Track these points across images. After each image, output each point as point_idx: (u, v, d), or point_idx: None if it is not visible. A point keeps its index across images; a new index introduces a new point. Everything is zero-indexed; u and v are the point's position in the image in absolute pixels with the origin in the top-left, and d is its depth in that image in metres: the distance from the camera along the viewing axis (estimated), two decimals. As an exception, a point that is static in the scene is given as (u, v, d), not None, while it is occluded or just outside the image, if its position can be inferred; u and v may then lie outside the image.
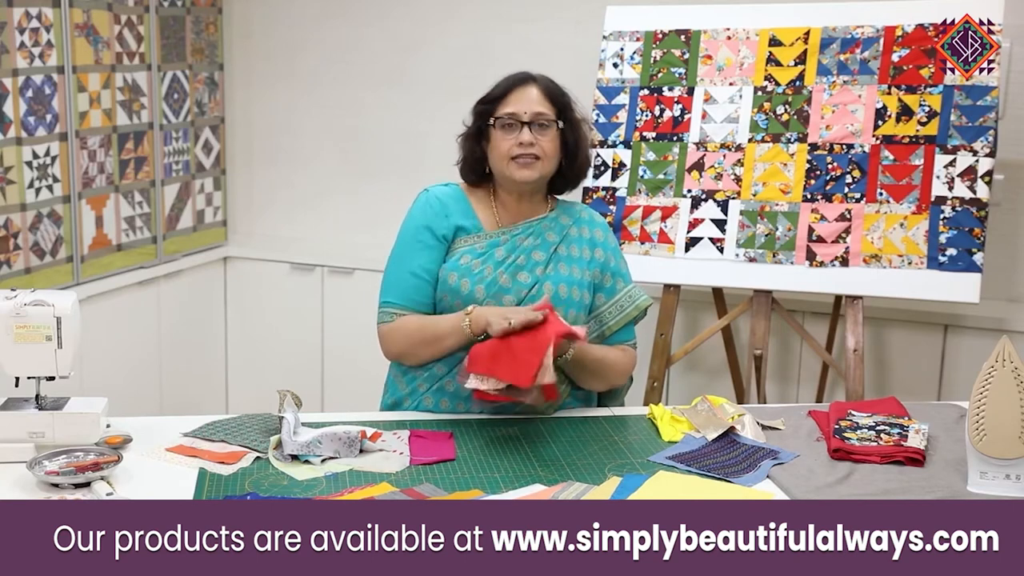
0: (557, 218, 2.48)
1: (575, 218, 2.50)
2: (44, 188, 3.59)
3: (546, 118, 2.40)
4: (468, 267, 2.38)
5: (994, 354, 2.02)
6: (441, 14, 4.17)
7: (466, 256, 2.39)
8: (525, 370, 2.14)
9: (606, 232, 2.53)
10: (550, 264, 2.40)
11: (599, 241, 2.50)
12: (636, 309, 2.49)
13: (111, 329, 3.82)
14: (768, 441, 2.28)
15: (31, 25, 3.49)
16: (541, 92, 2.42)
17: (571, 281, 2.41)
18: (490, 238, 2.42)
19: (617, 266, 2.51)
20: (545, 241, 2.43)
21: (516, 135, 2.38)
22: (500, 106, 2.41)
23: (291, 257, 4.30)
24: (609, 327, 2.47)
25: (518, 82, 2.43)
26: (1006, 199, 3.51)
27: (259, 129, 4.54)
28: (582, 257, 2.46)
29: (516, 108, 2.39)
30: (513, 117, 2.39)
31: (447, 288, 2.37)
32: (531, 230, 2.44)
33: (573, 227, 2.48)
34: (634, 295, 2.50)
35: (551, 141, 2.40)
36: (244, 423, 2.29)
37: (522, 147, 2.37)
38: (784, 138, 3.24)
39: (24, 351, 2.09)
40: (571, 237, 2.46)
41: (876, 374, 3.61)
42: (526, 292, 2.37)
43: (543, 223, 2.46)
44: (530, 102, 2.40)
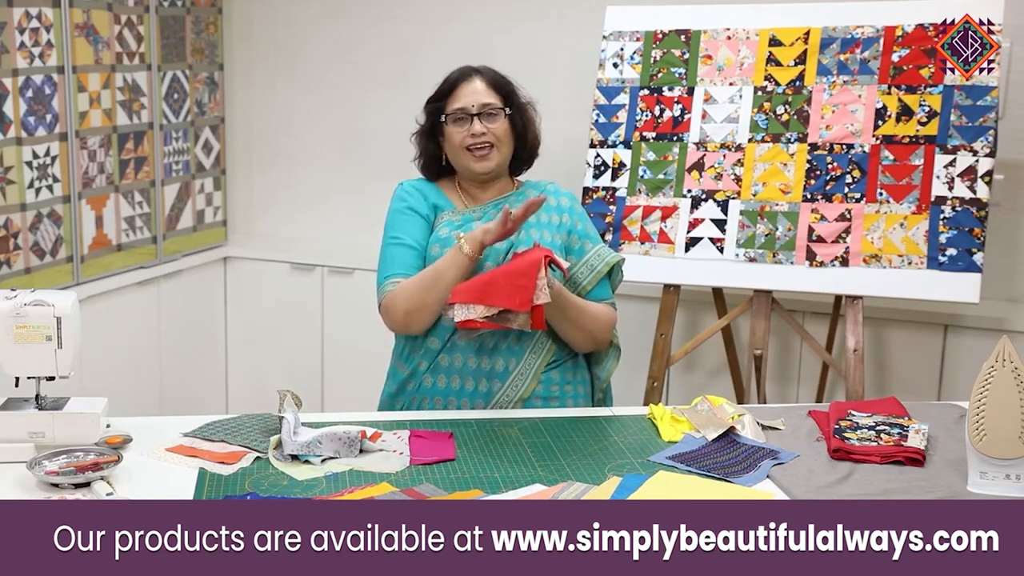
0: (524, 192, 2.61)
1: (541, 189, 2.61)
2: (44, 188, 3.59)
3: (493, 107, 2.53)
4: (449, 238, 2.49)
5: (994, 354, 2.02)
6: (441, 14, 4.17)
7: (445, 229, 2.51)
8: (521, 294, 2.24)
9: (572, 200, 2.63)
10: (522, 231, 2.48)
11: (565, 207, 2.60)
12: (607, 265, 2.56)
13: (111, 329, 3.82)
14: (768, 441, 2.28)
15: (31, 25, 3.49)
16: (486, 83, 2.55)
17: (542, 243, 2.47)
18: (464, 213, 2.56)
19: (584, 229, 2.60)
20: None
21: (467, 127, 2.51)
22: (449, 102, 2.54)
23: (291, 257, 4.30)
24: (583, 287, 2.54)
25: (462, 77, 2.55)
26: (1006, 199, 3.51)
27: (259, 129, 4.54)
28: (551, 222, 2.55)
29: (464, 102, 2.52)
30: (462, 111, 2.52)
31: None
32: (501, 205, 2.55)
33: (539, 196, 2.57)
34: (603, 253, 2.58)
35: (501, 128, 2.53)
36: (244, 423, 2.29)
37: (474, 137, 2.50)
38: (784, 138, 3.24)
39: (24, 351, 2.09)
40: None
41: (876, 374, 3.61)
42: (503, 257, 2.46)
43: (511, 198, 2.58)
44: (476, 94, 2.53)
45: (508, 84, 2.59)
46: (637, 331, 3.77)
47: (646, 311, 3.71)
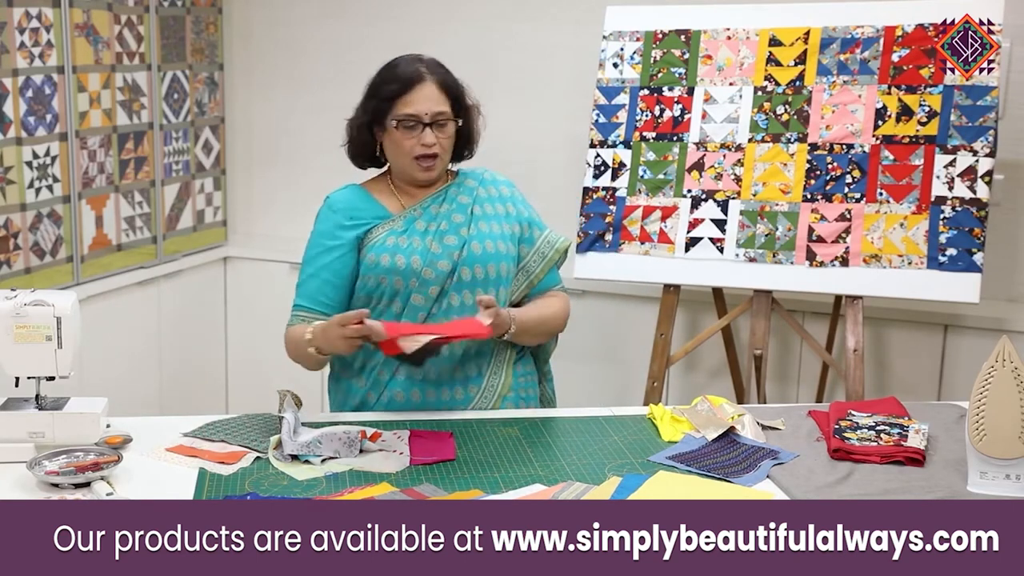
0: (462, 183, 2.53)
1: (479, 180, 2.55)
2: (44, 188, 3.59)
3: (445, 116, 2.42)
4: (396, 245, 2.42)
5: (994, 354, 2.02)
6: (441, 14, 4.17)
7: (391, 237, 2.43)
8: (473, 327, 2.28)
9: (512, 188, 2.59)
10: (471, 224, 2.46)
11: (507, 196, 2.56)
12: (556, 252, 2.55)
13: (111, 329, 3.82)
14: (768, 441, 2.28)
15: (31, 25, 3.49)
16: (438, 88, 2.43)
17: (494, 236, 2.47)
18: (404, 217, 2.47)
19: (530, 216, 2.58)
20: (459, 204, 2.49)
21: (417, 135, 2.40)
22: (398, 105, 2.41)
23: (291, 257, 4.29)
24: (536, 275, 2.53)
25: (416, 78, 2.41)
26: (1006, 199, 3.51)
27: (259, 129, 4.54)
28: (497, 213, 2.52)
29: (416, 108, 2.40)
30: (414, 118, 2.40)
31: (382, 269, 2.41)
32: (440, 198, 2.49)
33: (480, 188, 2.53)
34: (551, 239, 2.57)
35: (449, 137, 2.45)
36: (244, 423, 2.29)
37: (424, 147, 2.41)
38: (784, 138, 3.24)
39: (24, 351, 2.09)
40: (481, 197, 2.52)
41: (876, 374, 3.61)
42: (457, 254, 2.42)
43: (450, 190, 2.51)
44: (429, 101, 2.40)
45: (458, 87, 2.47)
46: (637, 331, 3.77)
47: (646, 311, 3.71)
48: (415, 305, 2.40)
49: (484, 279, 2.43)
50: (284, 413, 2.24)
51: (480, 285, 2.42)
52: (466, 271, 2.42)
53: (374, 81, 2.49)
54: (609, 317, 3.85)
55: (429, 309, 2.41)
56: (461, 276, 2.41)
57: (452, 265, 2.41)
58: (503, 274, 2.46)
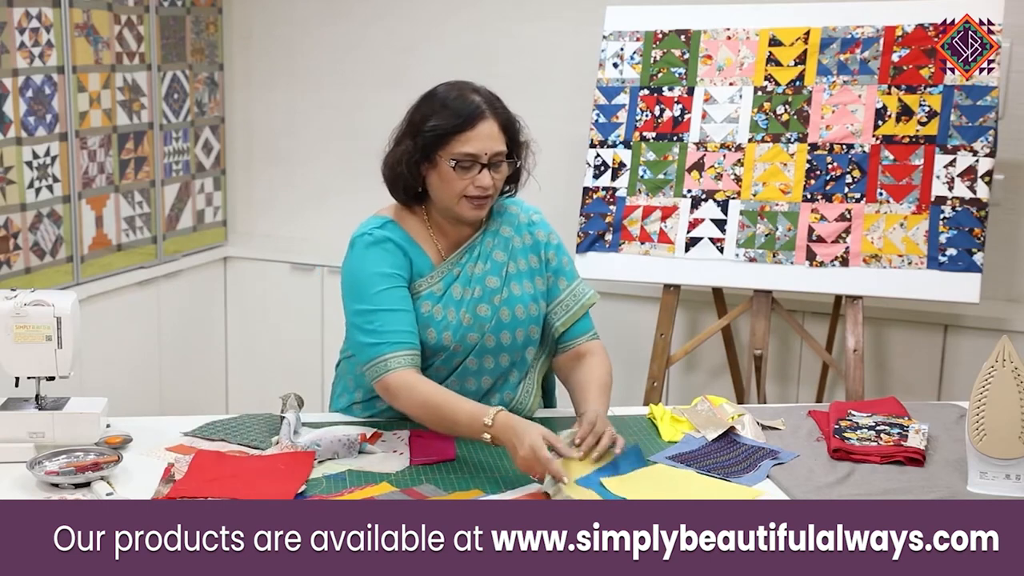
0: (497, 231, 2.35)
1: (514, 225, 2.38)
2: (44, 188, 3.59)
3: (501, 156, 2.23)
4: (431, 315, 2.26)
5: (994, 354, 2.02)
6: (441, 14, 4.17)
7: (426, 303, 2.27)
8: None
9: (547, 231, 2.41)
10: (504, 288, 2.32)
11: (541, 242, 2.39)
12: (582, 308, 2.40)
13: (111, 329, 3.82)
14: (768, 441, 2.28)
15: (31, 25, 3.49)
16: (498, 126, 2.22)
17: (526, 299, 2.33)
18: (443, 275, 2.29)
19: (559, 265, 2.40)
20: (495, 263, 2.32)
21: (472, 175, 2.20)
22: (455, 142, 2.19)
23: (291, 257, 4.30)
24: (557, 328, 2.38)
25: (478, 114, 2.20)
26: (1006, 199, 3.51)
27: (259, 129, 4.54)
28: (531, 267, 2.37)
29: (475, 148, 2.19)
30: (471, 158, 2.19)
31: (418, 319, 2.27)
32: (477, 252, 2.32)
33: (516, 237, 2.37)
34: (578, 293, 2.40)
35: (503, 177, 2.27)
36: (244, 423, 2.29)
37: (479, 188, 2.21)
38: (784, 138, 3.24)
39: (24, 351, 2.09)
40: (516, 249, 2.36)
41: (876, 374, 3.61)
42: (488, 325, 2.29)
43: (486, 239, 2.34)
44: (489, 140, 2.21)
45: (515, 124, 2.28)
46: (637, 331, 3.77)
47: (646, 311, 3.71)
48: (434, 373, 2.27)
49: (511, 344, 2.32)
50: (286, 413, 2.24)
51: (506, 351, 2.32)
52: (491, 339, 2.29)
53: (423, 111, 2.25)
54: (609, 317, 3.85)
55: (445, 377, 2.29)
56: (485, 344, 2.28)
57: (480, 336, 2.29)
58: (532, 336, 2.34)
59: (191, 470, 2.04)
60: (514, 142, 2.28)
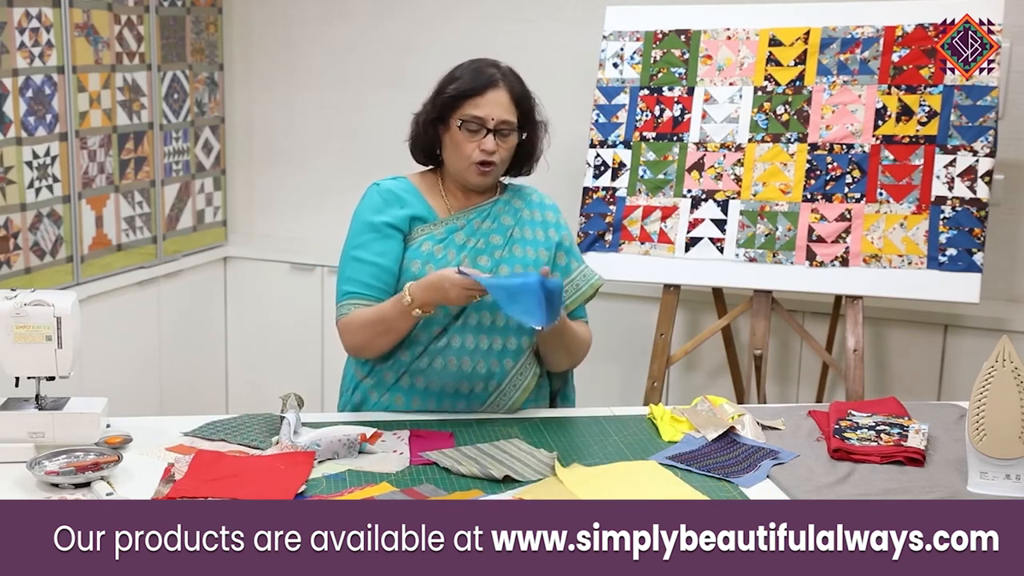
0: (510, 200, 2.48)
1: (527, 201, 2.50)
2: (44, 188, 3.59)
3: (510, 126, 2.37)
4: (430, 253, 2.37)
5: (994, 354, 2.02)
6: (441, 14, 4.17)
7: (427, 243, 2.38)
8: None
9: (557, 214, 2.53)
10: (507, 247, 2.41)
11: (551, 222, 2.50)
12: (591, 288, 2.51)
13: (111, 329, 3.82)
14: (768, 441, 2.28)
15: (31, 25, 3.49)
16: (510, 96, 2.37)
17: (527, 262, 2.41)
18: (447, 224, 2.41)
19: (570, 246, 2.52)
20: (501, 224, 2.44)
21: (479, 139, 2.35)
22: (467, 105, 2.35)
23: (291, 257, 4.30)
24: (566, 306, 2.45)
25: (491, 83, 2.36)
26: (1006, 199, 3.51)
27: (259, 129, 4.54)
28: (536, 238, 2.46)
29: (484, 112, 2.34)
30: (479, 121, 2.34)
31: (411, 276, 2.35)
32: (486, 213, 2.44)
33: (526, 210, 2.48)
34: (587, 274, 2.52)
35: (509, 148, 2.39)
36: (244, 423, 2.29)
37: (484, 153, 2.35)
38: (784, 138, 3.24)
39: (24, 351, 2.09)
40: (524, 219, 2.47)
41: (876, 374, 3.61)
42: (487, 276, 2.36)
43: (496, 206, 2.46)
44: (498, 107, 2.35)
45: (529, 100, 2.42)
46: (637, 331, 3.77)
47: (646, 311, 3.71)
48: (433, 317, 2.33)
49: None
50: (286, 413, 2.24)
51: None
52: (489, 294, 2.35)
53: (446, 77, 2.42)
54: (609, 317, 3.85)
55: (447, 324, 2.36)
56: (483, 298, 2.31)
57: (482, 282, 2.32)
58: None
59: (191, 470, 2.04)
60: (527, 118, 2.41)
